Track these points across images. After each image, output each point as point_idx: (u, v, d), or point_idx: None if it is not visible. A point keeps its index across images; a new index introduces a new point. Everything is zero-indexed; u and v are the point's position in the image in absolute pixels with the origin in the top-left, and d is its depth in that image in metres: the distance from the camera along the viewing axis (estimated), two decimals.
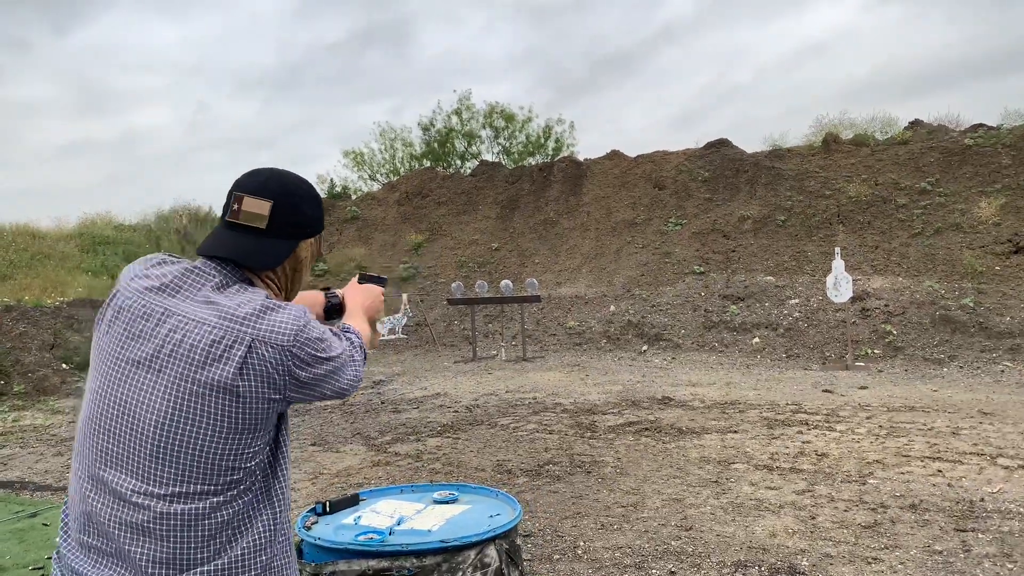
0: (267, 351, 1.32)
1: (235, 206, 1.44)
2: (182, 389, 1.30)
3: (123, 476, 1.33)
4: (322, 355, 1.39)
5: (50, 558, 4.66)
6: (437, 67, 57.67)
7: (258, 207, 1.43)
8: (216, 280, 1.40)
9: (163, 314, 1.35)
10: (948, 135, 16.98)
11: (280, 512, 1.42)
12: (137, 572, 1.30)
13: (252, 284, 1.44)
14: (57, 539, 1.44)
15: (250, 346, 1.31)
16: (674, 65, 65.61)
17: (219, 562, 1.32)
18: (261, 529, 1.37)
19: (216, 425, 1.30)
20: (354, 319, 1.70)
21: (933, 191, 15.66)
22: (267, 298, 1.39)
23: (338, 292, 1.88)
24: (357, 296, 1.79)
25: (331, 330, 1.50)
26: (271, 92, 71.48)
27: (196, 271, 1.41)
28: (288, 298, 1.56)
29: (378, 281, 1.87)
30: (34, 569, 4.51)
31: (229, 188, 1.49)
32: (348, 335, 1.54)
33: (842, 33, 70.05)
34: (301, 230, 1.49)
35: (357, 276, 1.87)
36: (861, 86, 51.76)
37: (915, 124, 17.99)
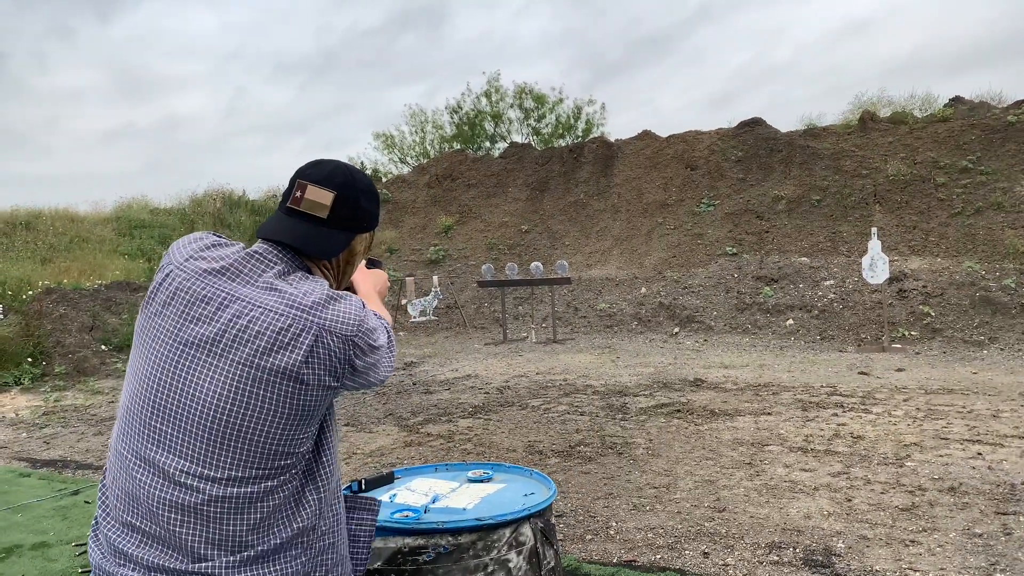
0: (332, 340, 1.34)
1: (298, 193, 1.46)
2: (245, 374, 1.31)
3: (175, 458, 1.32)
4: (375, 343, 1.42)
5: None
6: (472, 50, 57.54)
7: (321, 197, 1.46)
8: (278, 268, 1.41)
9: (226, 298, 1.35)
10: (990, 112, 16.54)
11: (324, 492, 1.42)
12: (185, 554, 1.31)
13: (311, 273, 1.46)
14: (96, 515, 1.45)
15: (317, 335, 1.33)
16: (712, 45, 64.61)
17: (269, 544, 1.33)
18: (308, 511, 1.38)
19: (277, 412, 1.32)
20: (373, 304, 1.69)
21: (974, 169, 15.28)
22: (329, 288, 1.42)
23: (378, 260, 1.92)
24: (368, 280, 1.79)
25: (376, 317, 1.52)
26: (308, 77, 71.90)
27: (257, 256, 1.41)
28: (339, 286, 1.58)
29: (379, 265, 1.89)
30: (77, 545, 4.62)
31: (292, 175, 1.51)
32: (382, 323, 1.55)
33: (885, 9, 68.29)
34: (359, 224, 1.52)
35: (365, 261, 1.87)
36: (904, 64, 50.60)
37: (956, 101, 17.54)
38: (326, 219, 1.46)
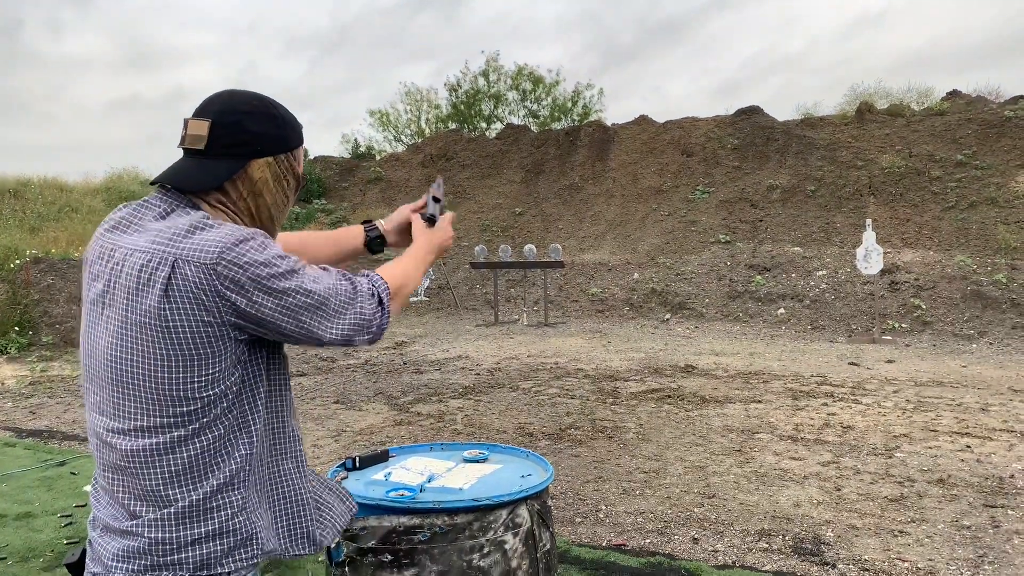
0: (189, 269, 1.22)
1: (182, 132, 1.38)
2: (126, 320, 1.26)
3: (98, 415, 1.32)
4: (268, 282, 1.26)
5: (78, 506, 4.73)
6: (486, 31, 57.10)
7: (198, 128, 1.36)
8: (159, 209, 1.34)
9: (112, 250, 1.31)
10: (987, 107, 16.54)
11: (255, 447, 1.33)
12: (123, 511, 1.29)
13: (197, 208, 1.35)
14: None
15: (173, 265, 1.23)
16: (725, 33, 64.38)
17: (192, 498, 1.27)
18: (235, 465, 1.30)
19: (155, 353, 1.24)
20: (400, 260, 1.58)
21: (969, 164, 15.30)
22: (205, 218, 1.30)
23: (380, 224, 1.80)
24: (421, 236, 1.70)
25: (338, 271, 1.40)
26: (319, 53, 71.19)
27: (144, 204, 1.36)
28: (264, 227, 1.43)
29: (433, 221, 1.75)
30: (62, 516, 4.58)
31: None
32: (366, 276, 1.44)
33: (901, 2, 67.83)
34: (247, 148, 1.37)
35: (427, 222, 1.74)
36: (916, 58, 50.42)
37: (953, 95, 17.53)
38: (204, 149, 1.36)
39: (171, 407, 1.26)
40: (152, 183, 1.39)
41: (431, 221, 1.73)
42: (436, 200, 1.81)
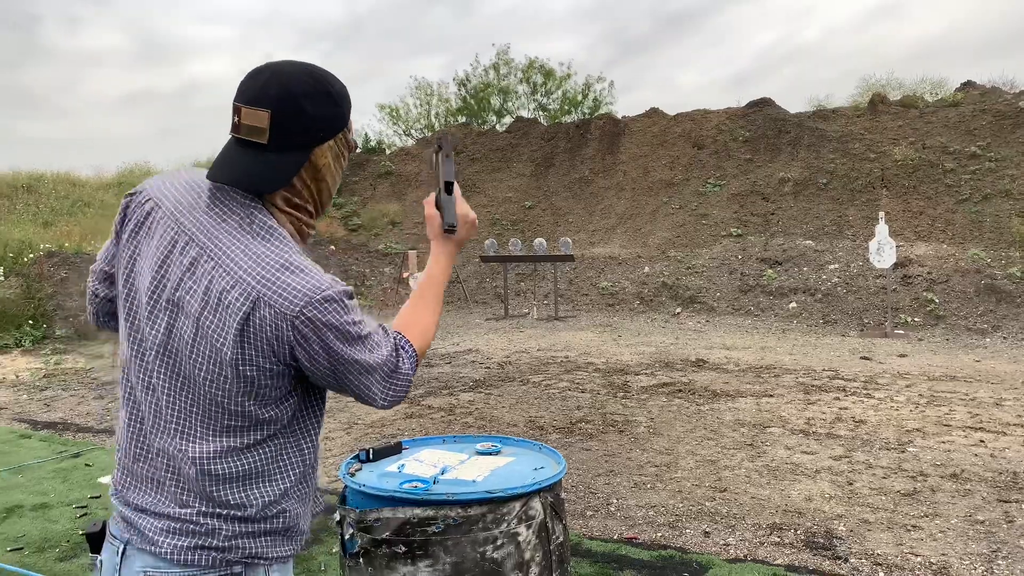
0: (268, 314, 1.19)
1: (235, 118, 1.27)
2: (196, 332, 1.22)
3: (150, 414, 1.31)
4: (333, 345, 1.23)
5: (93, 498, 4.76)
6: (500, 23, 56.94)
7: (256, 119, 1.25)
8: (237, 204, 1.28)
9: (189, 236, 1.27)
10: (1001, 98, 16.38)
11: (312, 455, 1.37)
12: (171, 500, 1.29)
13: (271, 215, 1.29)
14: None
15: (254, 303, 1.19)
16: (740, 23, 63.90)
17: (255, 502, 1.28)
18: (295, 475, 1.33)
19: (220, 372, 1.22)
20: (425, 312, 1.48)
21: (983, 156, 15.17)
22: (294, 252, 1.25)
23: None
24: (440, 260, 1.56)
25: (388, 338, 1.33)
26: (333, 46, 71.17)
27: (224, 200, 1.29)
28: (322, 204, 1.38)
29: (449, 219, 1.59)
30: (77, 507, 4.62)
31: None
32: (401, 346, 1.36)
33: None
34: (311, 136, 1.29)
35: (446, 190, 1.56)
36: (932, 48, 49.89)
37: (967, 86, 17.37)
38: (267, 143, 1.25)
39: (231, 420, 1.25)
40: (211, 178, 1.29)
41: (449, 189, 1.58)
42: (447, 156, 1.64)
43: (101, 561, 1.34)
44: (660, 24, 59.23)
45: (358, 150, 1.45)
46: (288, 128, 1.26)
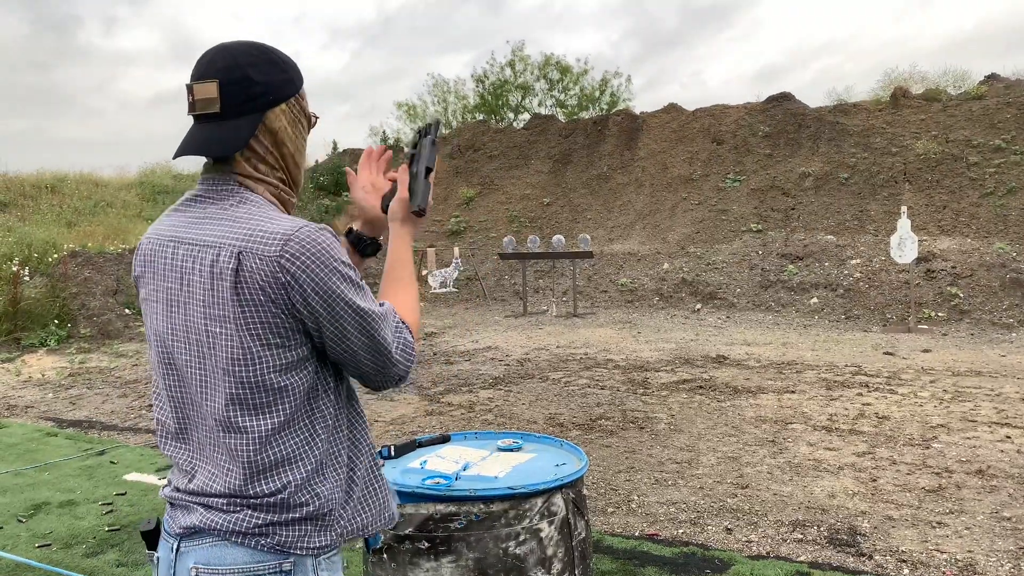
0: (254, 263, 1.22)
1: (189, 98, 1.35)
2: (206, 315, 1.26)
3: (174, 411, 1.35)
4: (334, 286, 1.24)
5: (118, 495, 4.82)
6: (529, 20, 56.81)
7: (206, 91, 1.32)
8: (210, 199, 1.34)
9: (174, 248, 1.33)
10: None
11: (336, 435, 1.34)
12: (203, 494, 1.31)
13: (245, 188, 1.35)
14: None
15: (238, 258, 1.23)
16: (770, 17, 63.33)
17: (275, 487, 1.28)
18: (317, 455, 1.31)
19: (233, 344, 1.25)
20: (405, 293, 1.49)
21: (1008, 149, 14.95)
22: (269, 210, 1.31)
23: (355, 227, 1.64)
24: (399, 245, 1.58)
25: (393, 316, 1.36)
26: (362, 44, 71.34)
27: (194, 199, 1.36)
28: (291, 175, 1.42)
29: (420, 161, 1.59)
30: (103, 504, 4.68)
31: None
32: (398, 320, 1.39)
33: None
34: (261, 100, 1.35)
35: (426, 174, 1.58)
36: (965, 40, 49.10)
37: (991, 79, 17.13)
38: (221, 112, 1.32)
39: (252, 397, 1.26)
40: (176, 156, 1.36)
41: (427, 173, 1.61)
42: (432, 142, 1.65)
43: (158, 558, 1.37)
44: (690, 19, 58.92)
45: (318, 121, 1.48)
46: (236, 94, 1.33)
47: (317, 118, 1.48)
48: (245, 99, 1.33)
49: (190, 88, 1.34)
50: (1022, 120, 15.36)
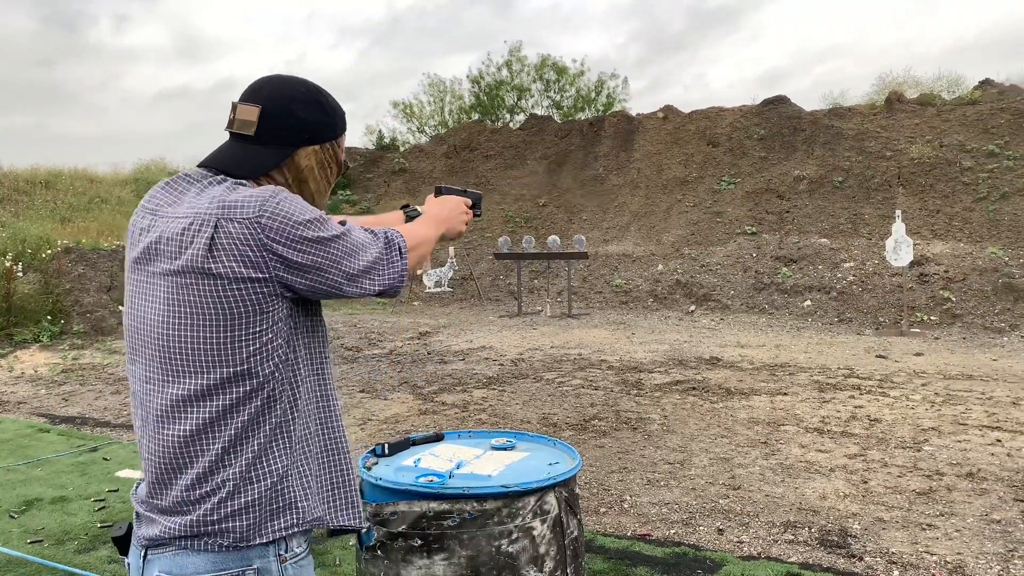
0: (233, 226, 1.23)
1: (231, 115, 1.40)
2: (172, 284, 1.27)
3: (144, 385, 1.34)
4: (309, 233, 1.27)
5: (111, 491, 4.82)
6: (537, 21, 56.87)
7: (247, 113, 1.37)
8: (200, 184, 1.35)
9: (152, 221, 1.34)
10: (1020, 96, 16.22)
11: (298, 414, 1.33)
12: (165, 487, 1.31)
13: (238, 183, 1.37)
14: None
15: (216, 224, 1.24)
16: (776, 21, 63.43)
17: (235, 468, 1.27)
18: (275, 433, 1.30)
19: (202, 313, 1.25)
20: (415, 224, 1.61)
21: (1001, 154, 15.03)
22: (242, 184, 1.33)
23: (419, 208, 1.81)
24: (433, 207, 1.72)
25: (363, 227, 1.40)
26: (369, 43, 71.23)
27: (185, 178, 1.38)
28: None
29: (464, 194, 1.80)
30: (96, 500, 4.67)
31: None
32: (386, 232, 1.42)
33: None
34: (296, 135, 1.39)
35: (434, 190, 1.81)
36: (967, 45, 49.27)
37: (985, 84, 17.21)
38: (254, 136, 1.37)
39: (218, 370, 1.26)
40: (200, 166, 1.40)
41: (475, 202, 1.83)
42: (464, 192, 1.85)
43: (129, 564, 1.38)
44: (697, 22, 59.13)
45: (349, 169, 1.52)
46: (274, 124, 1.38)
47: (349, 167, 1.52)
48: (281, 130, 1.38)
49: (234, 106, 1.40)
50: (1015, 126, 15.44)
